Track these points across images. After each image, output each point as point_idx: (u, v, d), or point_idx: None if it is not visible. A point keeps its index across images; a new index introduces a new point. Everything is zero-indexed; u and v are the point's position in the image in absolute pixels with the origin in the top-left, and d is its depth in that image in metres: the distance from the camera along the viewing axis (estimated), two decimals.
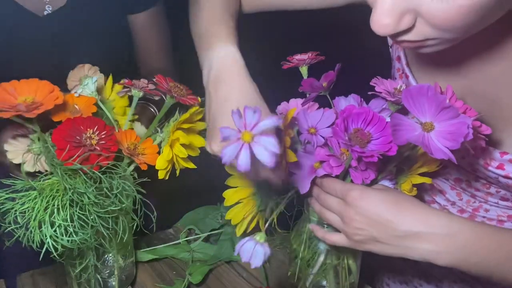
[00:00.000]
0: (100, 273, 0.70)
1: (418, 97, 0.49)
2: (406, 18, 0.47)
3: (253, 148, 0.42)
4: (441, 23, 0.46)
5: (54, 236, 0.55)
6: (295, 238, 0.67)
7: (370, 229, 0.53)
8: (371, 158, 0.52)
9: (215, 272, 0.82)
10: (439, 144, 0.49)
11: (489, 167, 0.62)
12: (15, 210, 0.55)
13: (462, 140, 0.47)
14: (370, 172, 0.57)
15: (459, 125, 0.48)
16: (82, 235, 0.56)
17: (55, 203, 0.55)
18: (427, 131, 0.49)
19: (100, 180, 0.59)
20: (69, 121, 0.60)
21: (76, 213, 0.56)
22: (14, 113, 0.54)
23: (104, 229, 0.59)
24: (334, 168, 0.55)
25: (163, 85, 0.65)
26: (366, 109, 0.54)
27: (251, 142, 0.42)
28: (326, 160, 0.56)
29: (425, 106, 0.49)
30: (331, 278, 0.65)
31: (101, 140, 0.60)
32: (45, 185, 0.57)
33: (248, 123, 0.42)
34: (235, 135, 0.42)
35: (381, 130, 0.53)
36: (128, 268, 0.74)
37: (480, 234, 0.52)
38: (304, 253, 0.65)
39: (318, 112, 0.60)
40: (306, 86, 0.62)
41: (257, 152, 0.41)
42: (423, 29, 0.48)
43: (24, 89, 0.57)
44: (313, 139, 0.58)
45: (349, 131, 0.54)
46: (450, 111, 0.48)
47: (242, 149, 0.42)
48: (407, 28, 0.48)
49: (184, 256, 0.84)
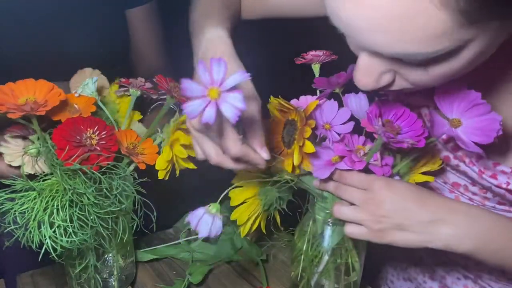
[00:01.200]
0: (100, 273, 0.70)
1: (449, 95, 0.52)
2: (386, 77, 0.50)
3: (219, 105, 0.40)
4: (419, 83, 0.49)
5: (53, 236, 0.55)
6: (299, 237, 0.67)
7: (395, 216, 0.53)
8: (401, 144, 0.52)
9: (215, 272, 0.82)
10: (467, 139, 0.52)
11: (483, 175, 0.64)
12: (14, 211, 0.55)
13: (495, 135, 0.50)
14: (388, 168, 0.57)
15: (490, 121, 0.51)
16: (81, 236, 0.56)
17: (54, 204, 0.55)
18: (454, 127, 0.52)
19: (100, 180, 0.59)
20: (70, 121, 0.60)
21: (76, 213, 0.56)
22: (21, 113, 0.54)
23: (104, 229, 0.59)
24: (356, 163, 0.56)
25: (163, 85, 0.65)
26: (399, 104, 0.55)
27: (218, 99, 0.40)
28: (347, 155, 0.56)
29: (454, 103, 0.53)
30: (332, 277, 0.64)
31: (101, 140, 0.60)
32: (45, 186, 0.57)
33: (216, 79, 0.41)
34: (201, 91, 0.40)
35: (410, 125, 0.55)
36: (128, 268, 0.74)
37: (498, 222, 0.54)
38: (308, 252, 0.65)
39: (333, 109, 0.60)
40: (319, 83, 0.63)
41: (223, 109, 0.40)
42: (401, 83, 0.51)
43: (22, 90, 0.58)
44: (329, 134, 0.59)
45: (381, 119, 0.56)
46: (481, 108, 0.51)
47: (208, 107, 0.40)
48: (386, 85, 0.51)
49: (184, 256, 0.84)
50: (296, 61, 0.65)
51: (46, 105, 0.57)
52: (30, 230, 0.55)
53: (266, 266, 0.83)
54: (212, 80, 0.41)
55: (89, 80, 0.67)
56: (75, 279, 0.69)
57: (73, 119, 0.60)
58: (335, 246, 0.64)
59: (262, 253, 0.84)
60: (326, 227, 0.63)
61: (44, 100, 0.57)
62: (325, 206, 0.62)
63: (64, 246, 0.55)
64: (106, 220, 0.59)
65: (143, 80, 0.67)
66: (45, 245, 0.55)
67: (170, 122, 0.68)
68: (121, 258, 0.72)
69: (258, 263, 0.82)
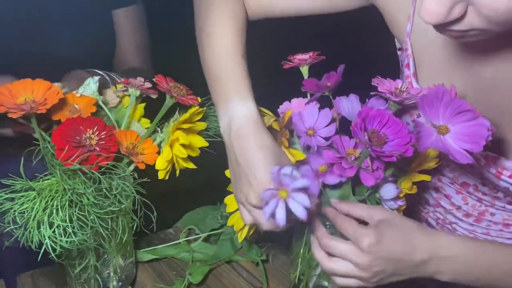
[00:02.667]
0: (100, 273, 0.70)
1: (434, 102, 0.50)
2: (458, 8, 0.47)
3: (288, 204, 0.49)
4: (491, 18, 0.46)
5: (53, 236, 0.54)
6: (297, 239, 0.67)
7: (388, 267, 0.56)
8: (390, 158, 0.52)
9: (215, 272, 0.82)
10: (457, 147, 0.50)
11: (501, 176, 0.63)
12: (14, 210, 0.55)
13: (484, 142, 0.48)
14: (380, 172, 0.57)
15: (478, 127, 0.49)
16: (81, 236, 0.56)
17: (54, 204, 0.55)
18: (442, 134, 0.51)
19: (100, 180, 0.59)
20: (69, 121, 0.60)
21: (75, 213, 0.56)
22: (21, 112, 0.55)
23: (103, 229, 0.59)
24: (347, 170, 0.55)
25: (163, 85, 0.65)
26: (382, 112, 0.54)
27: (287, 198, 0.49)
28: (337, 162, 0.56)
29: (439, 110, 0.51)
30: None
31: (101, 141, 0.60)
32: (44, 186, 0.57)
33: (284, 182, 0.49)
34: (273, 194, 0.49)
35: (396, 132, 0.54)
36: (128, 268, 0.74)
37: (479, 254, 0.57)
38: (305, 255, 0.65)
39: (313, 112, 0.60)
40: (308, 85, 0.62)
41: (292, 207, 0.48)
42: (472, 19, 0.48)
43: (20, 90, 0.58)
44: (312, 141, 0.58)
45: (367, 132, 0.54)
46: (467, 114, 0.49)
47: (278, 205, 0.48)
48: (457, 18, 0.48)
49: (184, 256, 0.84)
50: (284, 66, 0.65)
51: (45, 104, 0.57)
52: (30, 230, 0.54)
53: (266, 266, 0.83)
54: (281, 182, 0.49)
55: (91, 80, 0.67)
56: (75, 279, 0.68)
57: (72, 120, 0.60)
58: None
59: (262, 253, 0.84)
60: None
61: (43, 99, 0.57)
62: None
63: (64, 246, 0.55)
64: (105, 220, 0.59)
65: (142, 80, 0.67)
66: (44, 245, 0.55)
67: (170, 122, 0.68)
68: (121, 258, 0.72)
69: (258, 263, 0.82)
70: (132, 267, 0.76)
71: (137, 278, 0.79)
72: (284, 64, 0.65)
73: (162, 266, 0.83)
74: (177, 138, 0.65)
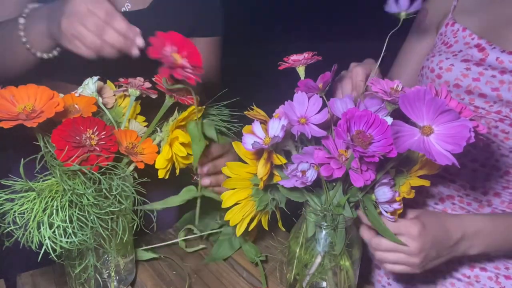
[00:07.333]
0: (100, 273, 0.70)
1: (415, 102, 0.50)
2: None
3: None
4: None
5: (53, 237, 0.54)
6: (293, 239, 0.67)
7: (432, 251, 0.63)
8: (373, 158, 0.52)
9: (215, 272, 0.82)
10: (440, 148, 0.49)
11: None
12: (14, 211, 0.55)
13: (464, 144, 0.48)
14: (370, 173, 0.56)
15: (460, 128, 0.48)
16: (81, 236, 0.56)
17: (54, 204, 0.55)
18: (426, 135, 0.50)
19: (99, 181, 0.59)
20: (69, 122, 0.60)
21: (75, 214, 0.56)
22: (15, 122, 0.54)
23: (103, 230, 0.59)
24: (335, 170, 0.55)
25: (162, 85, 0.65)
26: (368, 112, 0.54)
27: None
28: (326, 162, 0.56)
29: (422, 110, 0.50)
30: (330, 280, 0.64)
31: (100, 141, 0.60)
32: (44, 186, 0.57)
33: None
34: None
35: (382, 132, 0.53)
36: (128, 268, 0.74)
37: (496, 226, 0.66)
38: (301, 254, 0.65)
39: (303, 100, 0.59)
40: (302, 87, 0.62)
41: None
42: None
43: (23, 95, 0.57)
44: (306, 129, 0.57)
45: (351, 133, 0.54)
46: (449, 114, 0.48)
47: None
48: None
49: None
50: (279, 67, 0.65)
51: (40, 117, 0.55)
52: (30, 231, 0.54)
53: (266, 266, 0.83)
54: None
55: (89, 80, 0.67)
56: (75, 279, 0.68)
57: (72, 120, 0.60)
58: (328, 249, 0.63)
59: (262, 253, 0.84)
60: (318, 229, 0.63)
61: (40, 111, 0.56)
62: (316, 208, 0.62)
63: (64, 246, 0.55)
64: (105, 221, 0.59)
65: (142, 79, 0.67)
66: (44, 246, 0.55)
67: (169, 121, 0.68)
68: (121, 258, 0.72)
69: (258, 263, 0.82)
70: (132, 267, 0.76)
71: (137, 278, 0.79)
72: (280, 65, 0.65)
73: (162, 266, 0.83)
74: (176, 137, 0.66)
